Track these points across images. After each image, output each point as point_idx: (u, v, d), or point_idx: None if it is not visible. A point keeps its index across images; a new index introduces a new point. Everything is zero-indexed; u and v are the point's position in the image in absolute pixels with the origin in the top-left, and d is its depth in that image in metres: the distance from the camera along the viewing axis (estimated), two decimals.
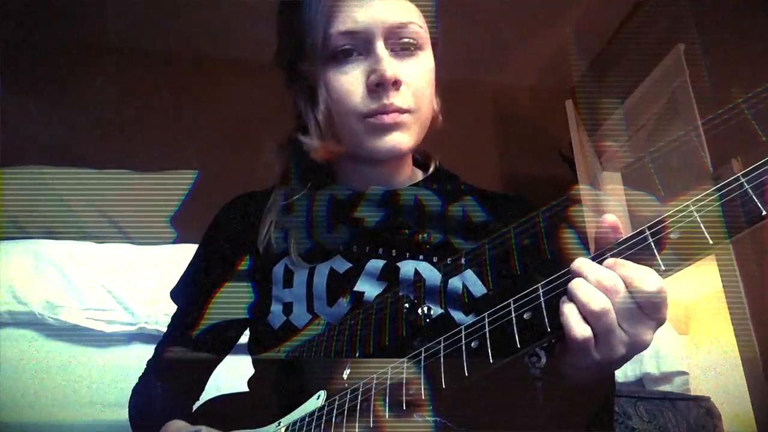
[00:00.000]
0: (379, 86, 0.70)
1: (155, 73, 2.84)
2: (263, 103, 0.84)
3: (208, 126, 2.79)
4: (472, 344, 0.53)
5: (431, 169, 0.86)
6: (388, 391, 0.55)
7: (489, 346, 0.51)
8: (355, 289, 0.72)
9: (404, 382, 0.55)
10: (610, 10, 2.71)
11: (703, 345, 2.31)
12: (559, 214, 0.68)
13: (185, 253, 1.64)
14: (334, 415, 0.58)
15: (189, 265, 0.87)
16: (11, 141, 2.27)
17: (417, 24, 0.73)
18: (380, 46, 0.70)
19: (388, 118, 0.71)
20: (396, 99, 0.71)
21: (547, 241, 0.68)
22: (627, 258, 0.49)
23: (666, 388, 1.71)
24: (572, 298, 0.48)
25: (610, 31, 2.84)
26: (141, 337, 1.56)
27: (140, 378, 0.83)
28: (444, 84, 0.84)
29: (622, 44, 2.81)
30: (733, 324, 1.96)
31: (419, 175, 0.86)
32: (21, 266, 1.60)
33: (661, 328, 0.50)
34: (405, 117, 0.72)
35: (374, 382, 0.58)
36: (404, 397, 0.54)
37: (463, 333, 0.54)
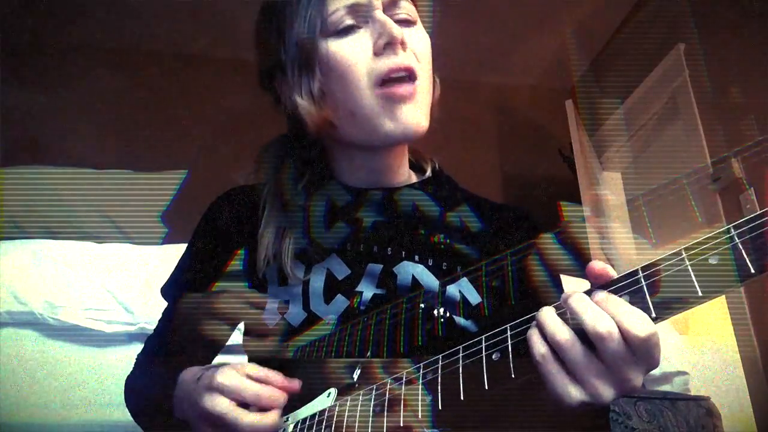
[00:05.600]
0: (387, 47, 0.70)
1: (156, 73, 2.84)
2: (262, 103, 0.83)
3: (209, 125, 2.79)
4: (493, 356, 0.51)
5: (428, 172, 0.85)
6: (402, 397, 0.54)
7: (511, 358, 0.50)
8: (355, 290, 0.72)
9: (420, 388, 0.54)
10: (610, 10, 2.71)
11: (703, 345, 2.31)
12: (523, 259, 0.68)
13: None
14: (346, 417, 0.57)
15: (181, 260, 0.85)
16: (11, 141, 2.27)
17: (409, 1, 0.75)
18: (380, 13, 0.70)
19: (401, 89, 0.70)
20: (405, 58, 0.71)
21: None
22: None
23: (666, 388, 1.70)
24: (540, 327, 0.48)
25: (610, 31, 2.84)
26: (141, 337, 1.56)
27: (133, 369, 0.82)
28: (444, 84, 0.84)
29: (622, 44, 2.81)
30: (733, 324, 1.96)
31: (414, 178, 0.85)
32: (21, 266, 1.60)
33: (661, 328, 0.50)
34: (416, 86, 0.71)
35: (388, 386, 0.56)
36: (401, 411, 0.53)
37: (484, 344, 0.53)
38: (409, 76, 0.71)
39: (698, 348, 2.07)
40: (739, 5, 2.05)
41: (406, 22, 0.74)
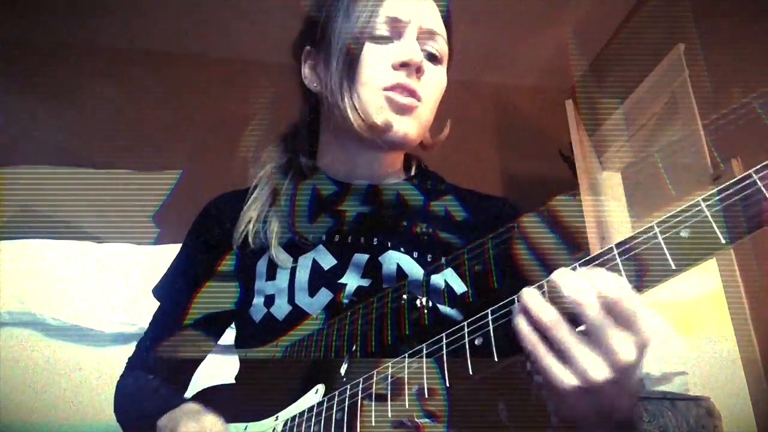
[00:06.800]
0: (403, 66, 0.74)
1: (156, 73, 2.84)
2: (260, 104, 0.84)
3: (208, 125, 2.79)
4: (476, 341, 0.52)
5: (414, 169, 0.87)
6: (389, 388, 0.55)
7: (493, 343, 0.50)
8: (339, 281, 0.73)
9: (406, 379, 0.54)
10: (610, 10, 2.71)
11: (703, 345, 2.31)
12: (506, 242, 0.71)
13: None
14: (334, 411, 0.58)
15: (174, 262, 0.87)
16: (11, 141, 2.27)
17: (443, 38, 0.79)
18: (412, 36, 0.75)
19: (405, 99, 0.74)
20: (415, 83, 0.74)
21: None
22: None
23: (666, 388, 1.71)
24: (524, 311, 0.48)
25: (610, 31, 2.84)
26: (141, 337, 1.56)
27: (123, 375, 0.83)
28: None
29: (622, 44, 2.81)
30: (733, 324, 1.96)
31: (402, 175, 0.87)
32: (21, 266, 1.61)
33: (660, 328, 0.50)
34: (419, 105, 0.75)
35: (375, 378, 0.57)
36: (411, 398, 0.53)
37: (467, 330, 0.53)
38: (414, 95, 0.75)
39: (698, 348, 2.07)
40: (739, 5, 2.05)
41: (433, 58, 0.78)
